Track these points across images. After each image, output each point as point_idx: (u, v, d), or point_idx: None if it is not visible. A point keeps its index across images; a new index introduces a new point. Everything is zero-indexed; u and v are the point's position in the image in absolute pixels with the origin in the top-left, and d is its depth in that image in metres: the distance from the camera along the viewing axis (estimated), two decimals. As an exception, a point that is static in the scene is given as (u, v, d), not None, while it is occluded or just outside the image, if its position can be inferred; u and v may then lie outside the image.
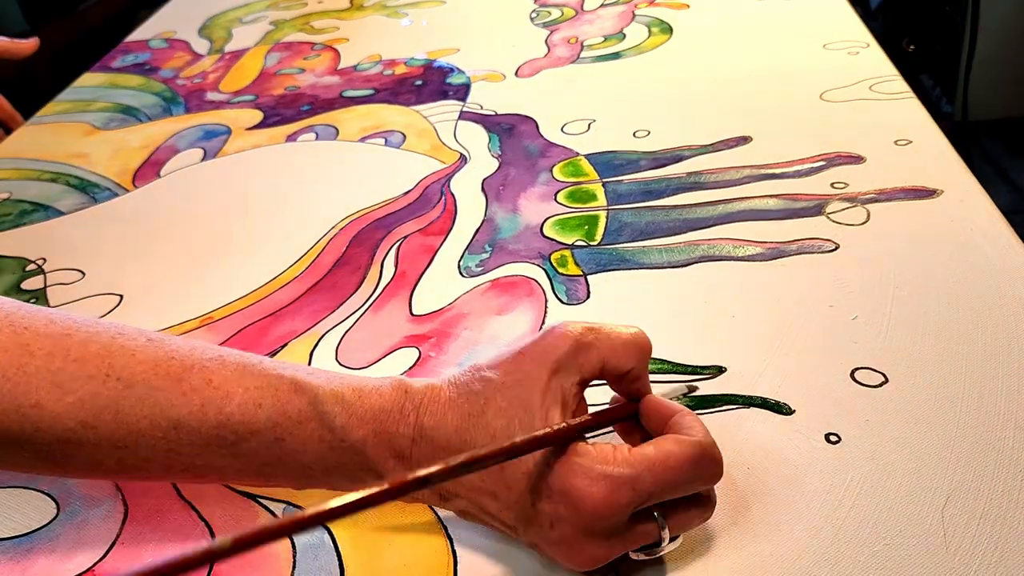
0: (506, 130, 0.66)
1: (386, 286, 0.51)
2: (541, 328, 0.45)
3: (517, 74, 0.74)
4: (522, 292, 0.48)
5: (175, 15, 1.02)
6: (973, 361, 0.40)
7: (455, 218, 0.56)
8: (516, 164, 0.61)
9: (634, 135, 0.62)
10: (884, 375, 0.40)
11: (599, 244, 0.51)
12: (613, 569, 0.33)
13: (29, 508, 0.40)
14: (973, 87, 1.66)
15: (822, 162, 0.55)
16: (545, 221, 0.54)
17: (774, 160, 0.56)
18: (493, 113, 0.68)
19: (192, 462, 0.34)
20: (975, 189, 0.51)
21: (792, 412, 0.38)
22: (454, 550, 0.35)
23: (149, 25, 0.99)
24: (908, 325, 0.42)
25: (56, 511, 0.39)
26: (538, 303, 0.47)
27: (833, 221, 0.50)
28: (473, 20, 0.88)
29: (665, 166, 0.58)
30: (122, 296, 0.54)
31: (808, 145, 0.57)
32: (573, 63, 0.75)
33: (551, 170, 0.59)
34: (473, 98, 0.71)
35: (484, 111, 0.69)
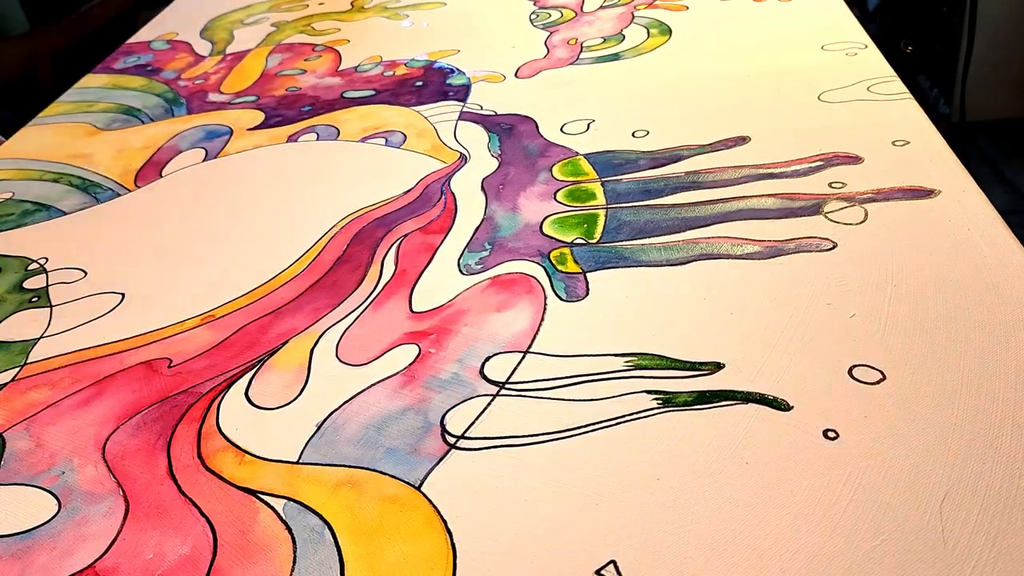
0: (506, 130, 0.66)
1: (386, 284, 0.51)
2: (540, 326, 0.46)
3: (517, 75, 0.75)
4: (521, 289, 0.49)
5: (177, 17, 1.02)
6: (970, 359, 0.40)
7: (455, 217, 0.56)
8: (516, 163, 0.61)
9: (633, 135, 0.62)
10: (882, 372, 0.40)
11: (598, 242, 0.51)
12: (611, 561, 0.33)
13: (30, 505, 0.40)
14: (970, 88, 1.66)
15: (820, 162, 0.55)
16: (544, 219, 0.54)
17: (772, 160, 0.56)
18: (493, 113, 0.69)
19: None
20: (972, 189, 0.51)
21: (790, 409, 0.39)
22: (454, 545, 0.35)
23: (151, 27, 1.00)
24: (905, 323, 0.42)
25: (57, 508, 0.39)
26: (537, 300, 0.48)
27: (831, 220, 0.50)
28: (473, 22, 0.88)
29: (664, 165, 0.58)
30: (124, 295, 0.54)
31: (806, 145, 0.57)
32: (573, 64, 0.75)
33: (550, 169, 0.60)
34: (473, 98, 0.72)
35: (484, 111, 0.69)
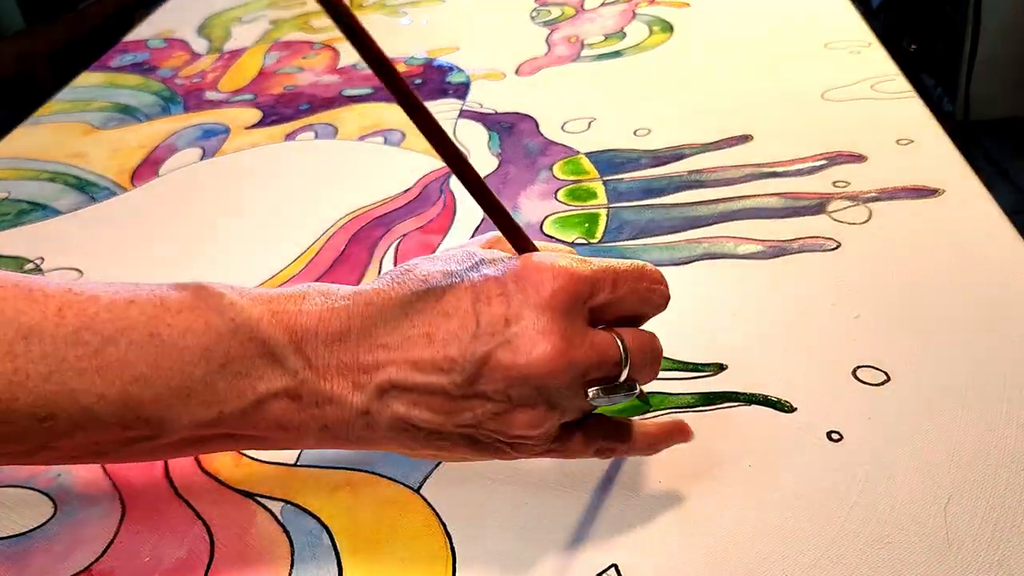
0: (506, 128, 0.65)
1: (385, 284, 0.50)
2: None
3: (517, 73, 0.74)
4: (522, 290, 0.48)
5: (174, 14, 1.01)
6: (976, 360, 0.39)
7: (454, 216, 0.56)
8: (516, 162, 0.61)
9: (634, 133, 0.62)
10: (886, 373, 0.39)
11: (599, 242, 0.51)
12: (612, 565, 0.33)
13: (26, 507, 0.39)
14: (974, 86, 1.66)
15: (824, 161, 0.55)
16: (545, 219, 0.54)
17: (775, 159, 0.56)
18: (493, 111, 0.68)
19: (42, 389, 0.27)
20: (977, 188, 0.51)
21: (794, 410, 0.38)
22: (453, 548, 0.35)
23: (148, 24, 0.99)
24: (910, 324, 0.42)
25: (53, 510, 0.39)
26: (538, 301, 0.47)
27: (835, 220, 0.50)
28: (473, 19, 0.88)
29: (666, 164, 0.57)
30: (120, 295, 0.53)
31: (810, 144, 0.57)
32: (573, 62, 0.75)
33: (551, 168, 0.59)
34: (473, 96, 0.71)
35: (484, 109, 0.69)
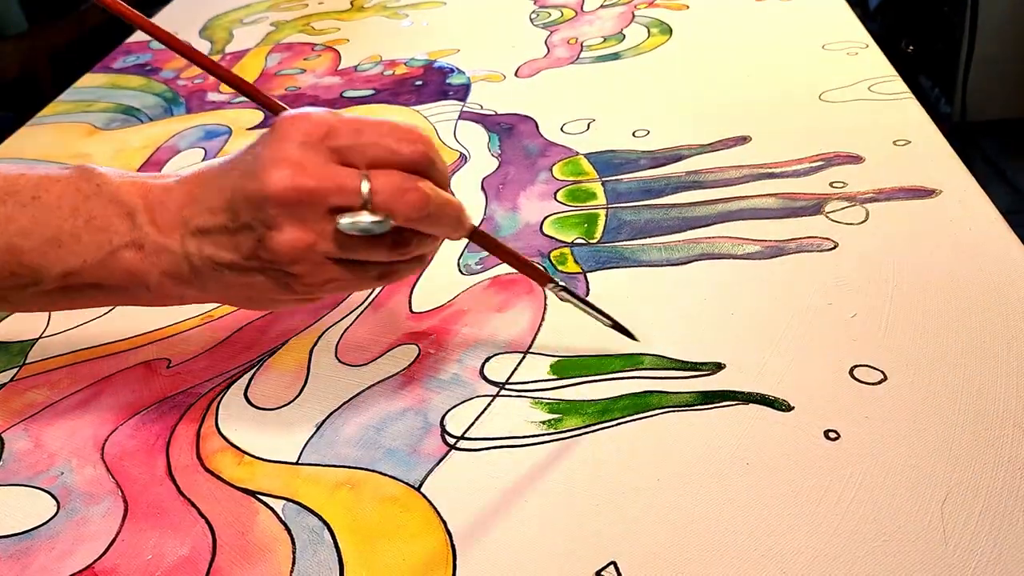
0: (506, 130, 0.66)
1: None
2: (540, 326, 0.46)
3: (517, 74, 0.74)
4: (521, 289, 0.48)
5: (176, 16, 1.02)
6: (972, 359, 0.40)
7: (455, 217, 0.56)
8: (516, 163, 0.61)
9: (633, 135, 0.62)
10: (883, 372, 0.40)
11: (598, 242, 0.51)
12: (611, 562, 0.33)
13: (29, 506, 0.40)
14: (972, 88, 1.67)
15: (821, 162, 0.55)
16: (545, 219, 0.54)
17: (773, 160, 0.56)
18: (493, 113, 0.69)
19: None
20: (974, 189, 0.51)
21: (791, 409, 0.38)
22: (453, 546, 0.35)
23: (150, 26, 0.99)
24: (907, 323, 0.42)
25: (56, 509, 0.39)
26: (537, 300, 0.47)
27: (832, 220, 0.50)
28: (473, 21, 0.88)
29: (664, 165, 0.58)
30: (122, 295, 0.54)
31: (807, 145, 0.57)
32: (573, 64, 0.75)
33: (551, 169, 0.59)
34: (473, 98, 0.71)
35: (484, 111, 0.69)
